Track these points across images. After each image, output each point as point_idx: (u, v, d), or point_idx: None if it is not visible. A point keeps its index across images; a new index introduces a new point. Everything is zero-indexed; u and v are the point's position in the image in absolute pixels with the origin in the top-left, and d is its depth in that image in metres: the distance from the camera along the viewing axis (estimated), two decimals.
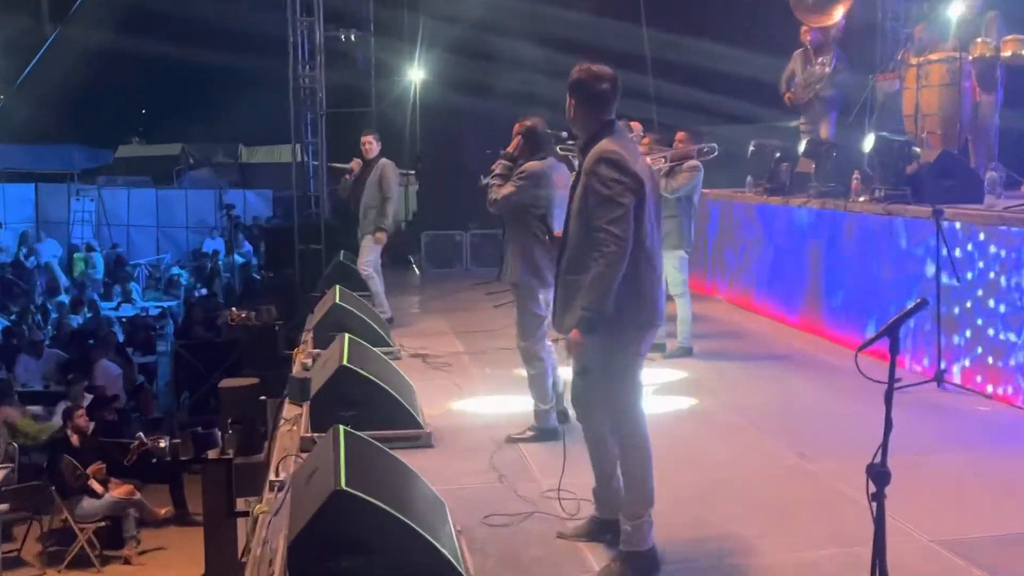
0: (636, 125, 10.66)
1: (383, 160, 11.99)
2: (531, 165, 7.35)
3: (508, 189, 7.30)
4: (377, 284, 11.89)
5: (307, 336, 10.45)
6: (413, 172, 20.06)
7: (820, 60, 12.69)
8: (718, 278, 13.93)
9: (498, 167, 7.44)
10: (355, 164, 12.07)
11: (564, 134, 6.85)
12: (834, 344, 10.49)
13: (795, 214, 11.56)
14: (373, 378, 7.24)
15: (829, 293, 10.91)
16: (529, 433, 7.50)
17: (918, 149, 10.18)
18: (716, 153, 10.01)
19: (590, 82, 5.22)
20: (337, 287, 10.64)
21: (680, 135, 10.16)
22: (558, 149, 7.72)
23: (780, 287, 12.00)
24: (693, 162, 9.92)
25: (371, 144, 12.01)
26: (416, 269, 17.50)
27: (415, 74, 20.20)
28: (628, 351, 5.16)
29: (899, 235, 9.55)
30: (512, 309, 7.71)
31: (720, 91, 15.07)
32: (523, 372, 7.68)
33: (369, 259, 11.79)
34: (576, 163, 5.88)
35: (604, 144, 5.08)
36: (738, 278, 13.25)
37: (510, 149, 7.44)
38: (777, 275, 12.09)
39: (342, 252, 13.90)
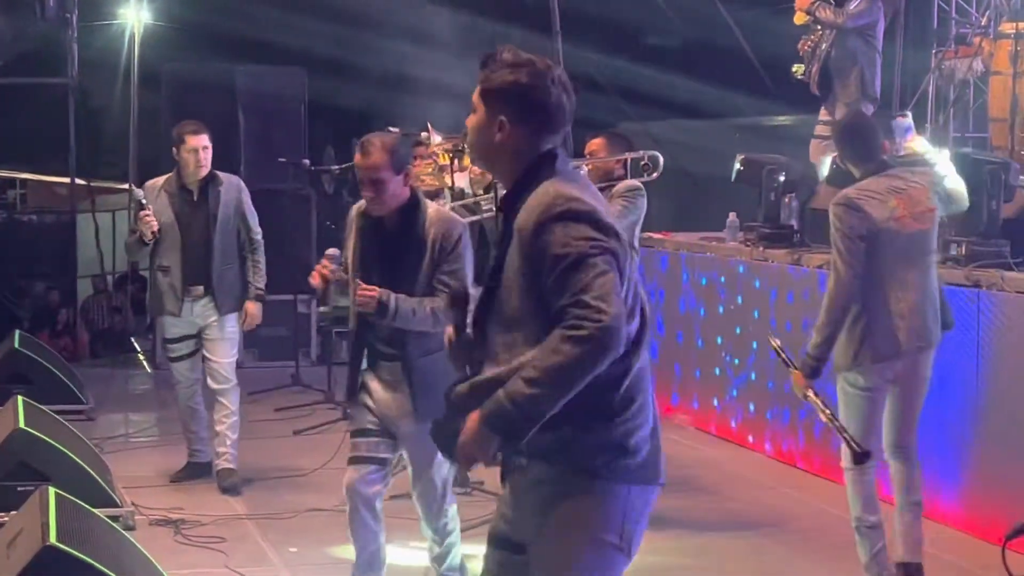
0: None
1: (226, 176, 7.47)
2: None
3: None
4: (234, 403, 7.44)
5: None
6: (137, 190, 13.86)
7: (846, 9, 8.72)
8: (673, 385, 9.33)
9: None
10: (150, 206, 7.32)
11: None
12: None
13: (815, 281, 7.65)
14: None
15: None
16: None
17: None
18: (660, 169, 6.61)
19: (541, 89, 3.48)
20: (19, 399, 6.69)
21: (595, 143, 6.61)
22: (451, 203, 6.45)
23: (786, 401, 7.97)
24: (631, 183, 6.39)
25: (205, 150, 7.27)
26: (144, 361, 11.42)
27: (132, 14, 13.13)
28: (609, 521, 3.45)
29: (998, 321, 6.37)
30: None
31: (663, 60, 10.56)
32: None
33: (229, 358, 7.47)
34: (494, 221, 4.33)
35: (553, 187, 3.46)
36: (711, 384, 8.91)
37: None
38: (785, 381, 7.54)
39: (17, 334, 9.07)
